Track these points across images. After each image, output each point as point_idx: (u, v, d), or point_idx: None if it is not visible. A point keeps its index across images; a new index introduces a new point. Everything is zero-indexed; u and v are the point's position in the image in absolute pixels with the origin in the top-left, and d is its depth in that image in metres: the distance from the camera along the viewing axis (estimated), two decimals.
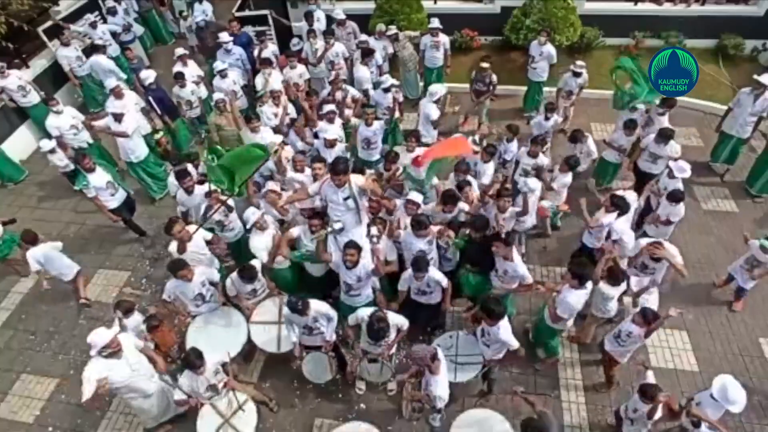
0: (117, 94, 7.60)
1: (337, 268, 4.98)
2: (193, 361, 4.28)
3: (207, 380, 4.43)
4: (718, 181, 7.69)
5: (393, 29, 8.84)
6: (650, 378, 4.33)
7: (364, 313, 4.57)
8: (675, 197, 5.59)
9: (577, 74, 7.84)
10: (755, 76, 6.87)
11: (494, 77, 8.10)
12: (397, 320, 4.64)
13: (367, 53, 8.30)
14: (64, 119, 7.51)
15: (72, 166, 7.63)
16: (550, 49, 8.23)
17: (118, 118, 7.09)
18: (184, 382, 4.42)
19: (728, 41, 9.57)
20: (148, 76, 8.04)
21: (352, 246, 4.71)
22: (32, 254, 5.96)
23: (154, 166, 7.77)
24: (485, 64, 8.01)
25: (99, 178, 6.49)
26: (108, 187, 6.59)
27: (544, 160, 6.45)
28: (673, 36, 9.79)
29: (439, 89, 7.49)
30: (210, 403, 4.55)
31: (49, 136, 7.63)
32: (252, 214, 5.39)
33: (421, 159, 5.60)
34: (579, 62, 7.94)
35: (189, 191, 5.89)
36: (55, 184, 8.31)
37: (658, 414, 4.16)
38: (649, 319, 4.44)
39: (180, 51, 8.64)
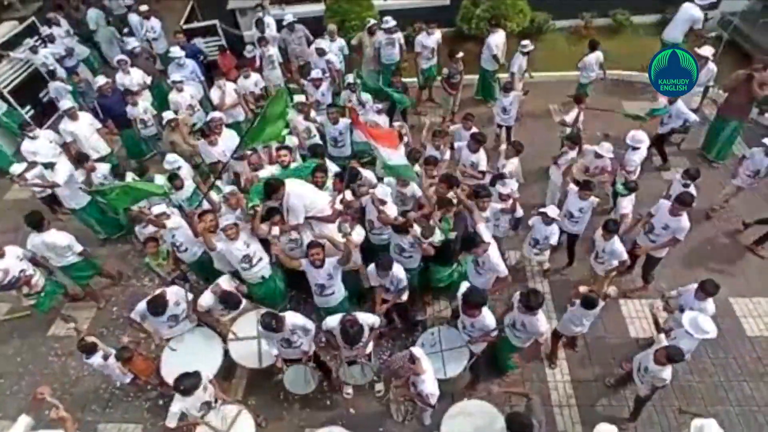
0: (72, 115, 7.35)
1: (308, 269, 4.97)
2: (187, 387, 4.18)
3: (199, 399, 4.35)
4: (675, 150, 7.91)
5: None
6: (663, 341, 4.38)
7: (334, 322, 4.51)
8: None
9: (525, 53, 7.97)
10: (696, 49, 7.07)
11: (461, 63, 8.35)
12: (368, 320, 4.61)
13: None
14: (41, 143, 7.17)
15: (49, 191, 7.19)
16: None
17: (49, 166, 6.71)
18: (176, 406, 4.30)
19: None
20: (98, 80, 8.09)
21: (315, 246, 4.79)
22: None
23: (97, 208, 7.15)
24: (459, 54, 8.20)
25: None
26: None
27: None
28: (620, 13, 10.04)
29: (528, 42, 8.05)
30: (205, 422, 4.45)
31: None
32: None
33: (362, 129, 5.58)
34: (524, 41, 8.08)
35: None
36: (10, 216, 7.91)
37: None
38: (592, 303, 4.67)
39: (119, 57, 8.45)
